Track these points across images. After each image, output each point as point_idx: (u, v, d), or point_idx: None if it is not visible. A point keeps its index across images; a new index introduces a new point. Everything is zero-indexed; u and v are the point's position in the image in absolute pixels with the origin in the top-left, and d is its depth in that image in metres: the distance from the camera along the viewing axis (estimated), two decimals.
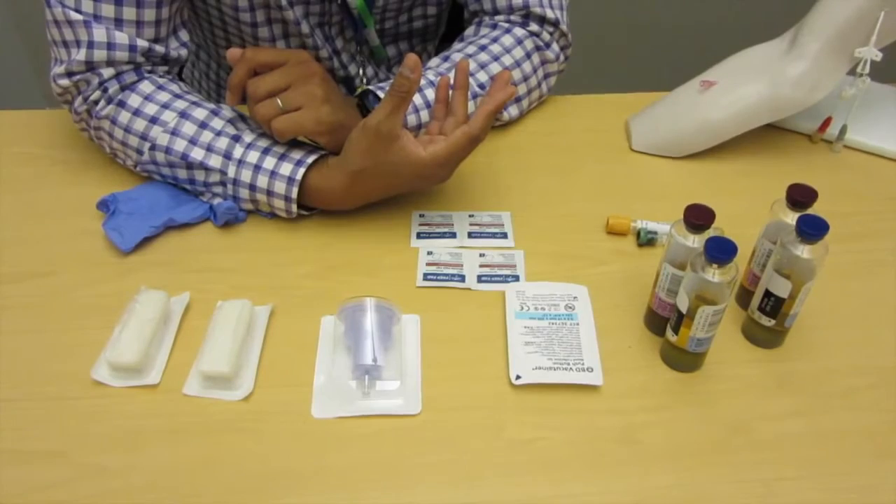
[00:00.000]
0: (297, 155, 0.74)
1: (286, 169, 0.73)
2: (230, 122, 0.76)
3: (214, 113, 0.76)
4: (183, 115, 0.75)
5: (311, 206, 0.77)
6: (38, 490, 0.56)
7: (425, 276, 0.73)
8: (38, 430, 0.60)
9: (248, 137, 0.75)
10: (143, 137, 0.76)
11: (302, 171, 0.72)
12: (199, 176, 0.76)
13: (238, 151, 0.74)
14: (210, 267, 0.73)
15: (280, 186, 0.73)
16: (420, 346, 0.66)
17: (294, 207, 0.74)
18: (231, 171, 0.74)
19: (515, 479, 0.57)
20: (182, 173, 0.76)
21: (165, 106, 0.76)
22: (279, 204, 0.74)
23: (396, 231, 0.77)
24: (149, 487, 0.56)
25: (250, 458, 0.58)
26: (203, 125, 0.75)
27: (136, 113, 0.76)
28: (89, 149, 0.85)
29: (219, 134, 0.75)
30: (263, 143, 0.74)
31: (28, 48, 1.75)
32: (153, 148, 0.75)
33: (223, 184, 0.75)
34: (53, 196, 0.81)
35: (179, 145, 0.75)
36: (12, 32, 1.73)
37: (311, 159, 0.73)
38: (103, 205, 0.77)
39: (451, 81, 0.75)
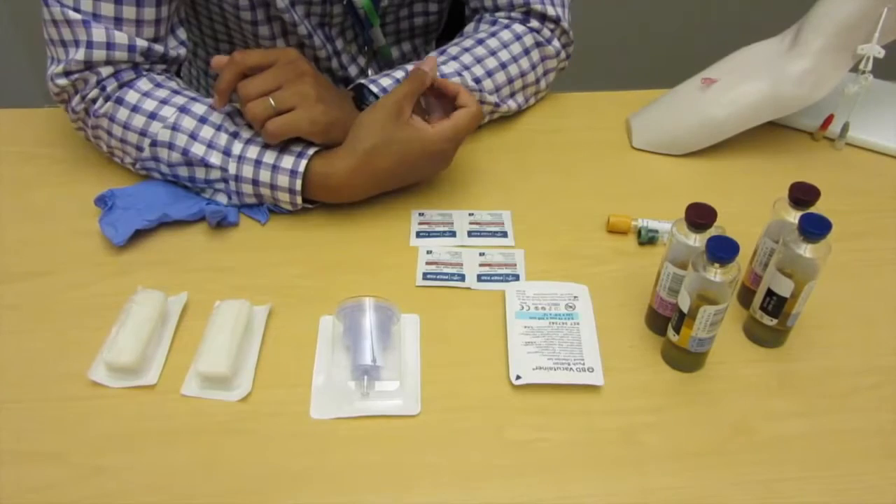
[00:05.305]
0: (297, 147, 0.73)
1: (288, 162, 0.73)
2: (228, 115, 0.76)
3: (213, 107, 0.76)
4: (182, 109, 0.75)
5: (314, 200, 0.77)
6: (35, 491, 0.56)
7: (425, 276, 0.72)
8: (35, 431, 0.59)
9: (246, 133, 0.75)
10: (143, 133, 0.75)
11: (304, 162, 0.72)
12: (200, 174, 0.75)
13: (237, 148, 0.74)
14: (208, 267, 0.73)
15: (283, 180, 0.73)
16: (419, 346, 0.66)
17: (299, 199, 0.74)
18: (232, 168, 0.74)
19: (515, 480, 0.57)
20: (182, 171, 0.76)
21: (164, 102, 0.76)
22: (284, 197, 0.74)
23: (395, 230, 0.77)
24: (146, 488, 0.56)
25: (248, 459, 0.58)
26: (202, 120, 0.75)
27: (135, 109, 0.75)
28: (88, 148, 0.85)
29: (218, 129, 0.75)
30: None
31: (27, 47, 1.74)
32: (154, 144, 0.75)
33: (225, 181, 0.75)
34: (51, 195, 0.81)
35: (181, 140, 0.74)
36: (11, 31, 1.73)
37: (312, 150, 0.73)
38: (101, 200, 0.76)
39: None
